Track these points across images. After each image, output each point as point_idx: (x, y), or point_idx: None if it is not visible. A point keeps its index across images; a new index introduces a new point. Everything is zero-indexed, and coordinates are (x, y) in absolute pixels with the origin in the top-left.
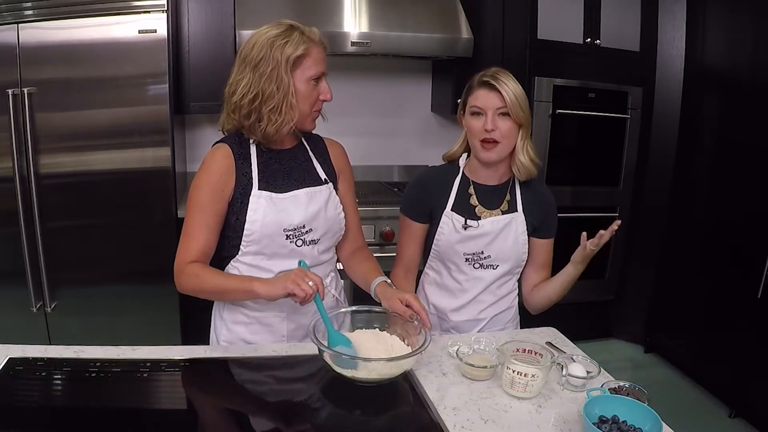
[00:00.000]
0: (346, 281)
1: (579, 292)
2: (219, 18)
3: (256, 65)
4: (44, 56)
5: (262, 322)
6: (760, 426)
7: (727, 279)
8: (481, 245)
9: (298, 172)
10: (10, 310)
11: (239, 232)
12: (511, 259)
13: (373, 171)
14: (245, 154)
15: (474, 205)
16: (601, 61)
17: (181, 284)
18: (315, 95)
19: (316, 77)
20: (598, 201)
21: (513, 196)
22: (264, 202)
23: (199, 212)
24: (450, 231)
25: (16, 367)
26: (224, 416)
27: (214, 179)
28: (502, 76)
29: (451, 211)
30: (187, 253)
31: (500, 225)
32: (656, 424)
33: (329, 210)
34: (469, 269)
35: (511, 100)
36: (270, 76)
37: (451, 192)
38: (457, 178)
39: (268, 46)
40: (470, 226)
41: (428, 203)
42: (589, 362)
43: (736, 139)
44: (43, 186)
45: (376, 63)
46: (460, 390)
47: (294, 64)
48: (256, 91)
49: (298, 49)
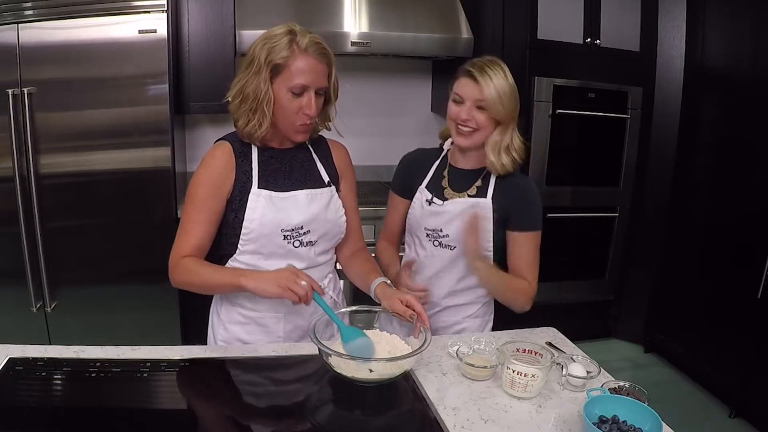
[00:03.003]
0: (345, 282)
1: (579, 292)
2: (219, 18)
3: (249, 63)
4: (44, 56)
5: (259, 322)
6: (760, 426)
7: (727, 279)
8: (440, 223)
9: (300, 172)
10: (10, 310)
11: (237, 230)
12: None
13: (373, 171)
14: (246, 152)
15: (444, 187)
16: (601, 61)
17: (174, 278)
18: (294, 107)
19: (298, 90)
20: (598, 201)
21: (485, 183)
22: (263, 201)
23: (196, 208)
24: (418, 206)
25: (16, 367)
26: (224, 416)
27: (212, 176)
28: (489, 68)
29: (424, 188)
30: (182, 247)
31: (461, 207)
32: (656, 424)
33: (330, 212)
34: (429, 245)
35: (491, 96)
36: (252, 77)
37: (429, 171)
38: (437, 160)
39: (260, 46)
40: (434, 203)
41: (410, 180)
42: (589, 362)
43: (736, 138)
44: (43, 186)
45: (376, 63)
46: (460, 390)
47: (273, 71)
48: (239, 89)
49: (277, 57)
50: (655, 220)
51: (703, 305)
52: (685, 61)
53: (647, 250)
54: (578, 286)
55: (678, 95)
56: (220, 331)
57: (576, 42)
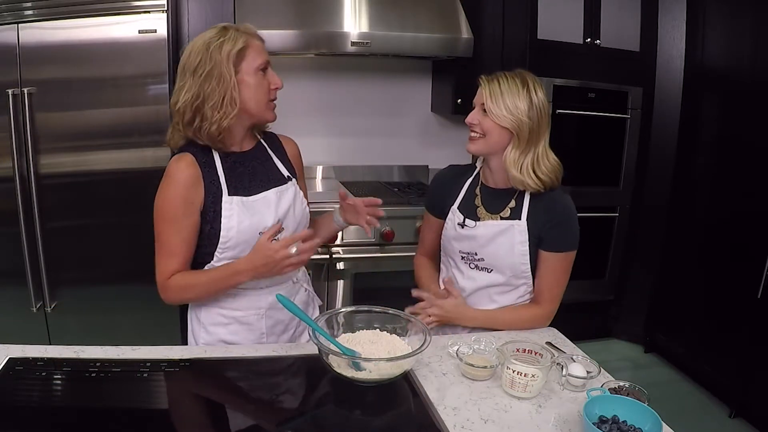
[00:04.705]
0: (345, 282)
1: (579, 292)
2: (219, 18)
3: (195, 69)
4: (44, 56)
5: (241, 321)
6: (760, 426)
7: (727, 279)
8: (474, 246)
9: (262, 172)
10: (10, 310)
11: (214, 240)
12: (506, 267)
13: (373, 171)
14: (209, 161)
15: (477, 206)
16: (601, 61)
17: (167, 298)
18: (266, 84)
19: (263, 67)
20: (598, 201)
21: (519, 204)
22: (236, 207)
23: (174, 227)
24: (451, 227)
25: (16, 367)
26: (224, 416)
27: (182, 191)
28: (504, 76)
29: (456, 208)
30: (167, 269)
31: (494, 230)
32: (656, 424)
33: (297, 206)
34: (465, 268)
35: (490, 98)
36: (209, 75)
37: (461, 190)
38: (470, 178)
39: (204, 49)
40: (466, 225)
41: (442, 200)
42: (589, 362)
43: (736, 138)
44: (43, 186)
45: (376, 63)
46: (460, 390)
47: (237, 58)
48: (195, 93)
49: (238, 44)
50: (655, 220)
51: (703, 305)
52: (685, 61)
53: (647, 250)
54: (578, 286)
55: (678, 95)
56: (202, 335)
57: (576, 42)
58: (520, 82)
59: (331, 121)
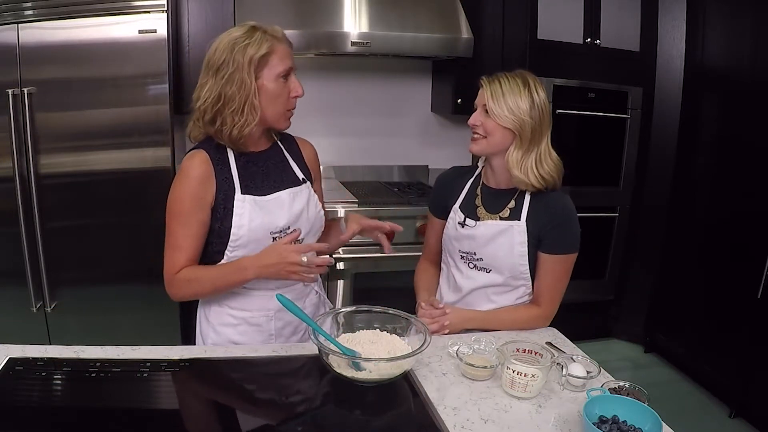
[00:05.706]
0: (345, 282)
1: (579, 292)
2: (219, 18)
3: (218, 69)
4: (44, 56)
5: (250, 322)
6: (760, 426)
7: (727, 279)
8: (474, 246)
9: (276, 173)
10: (10, 310)
11: (224, 237)
12: (505, 268)
13: (373, 171)
14: (223, 159)
15: (477, 206)
16: (601, 61)
17: (174, 294)
18: (286, 93)
19: (285, 74)
20: (598, 201)
21: (518, 204)
22: (248, 206)
23: (183, 223)
24: (451, 227)
25: (16, 367)
26: (224, 416)
27: (194, 187)
28: (505, 76)
29: (458, 207)
30: (175, 264)
31: (494, 230)
32: (656, 424)
33: (311, 209)
34: (465, 267)
35: (491, 99)
36: (230, 78)
37: (463, 190)
38: (471, 178)
39: (229, 50)
40: (466, 225)
41: (444, 200)
42: (589, 362)
43: (736, 138)
44: (43, 186)
45: (376, 63)
46: (460, 390)
47: (259, 64)
48: (217, 95)
49: (262, 49)
50: (655, 220)
51: (703, 305)
52: (685, 61)
53: (647, 250)
54: (578, 285)
55: (678, 95)
56: (211, 335)
57: (576, 42)
58: (521, 82)
59: (331, 121)
